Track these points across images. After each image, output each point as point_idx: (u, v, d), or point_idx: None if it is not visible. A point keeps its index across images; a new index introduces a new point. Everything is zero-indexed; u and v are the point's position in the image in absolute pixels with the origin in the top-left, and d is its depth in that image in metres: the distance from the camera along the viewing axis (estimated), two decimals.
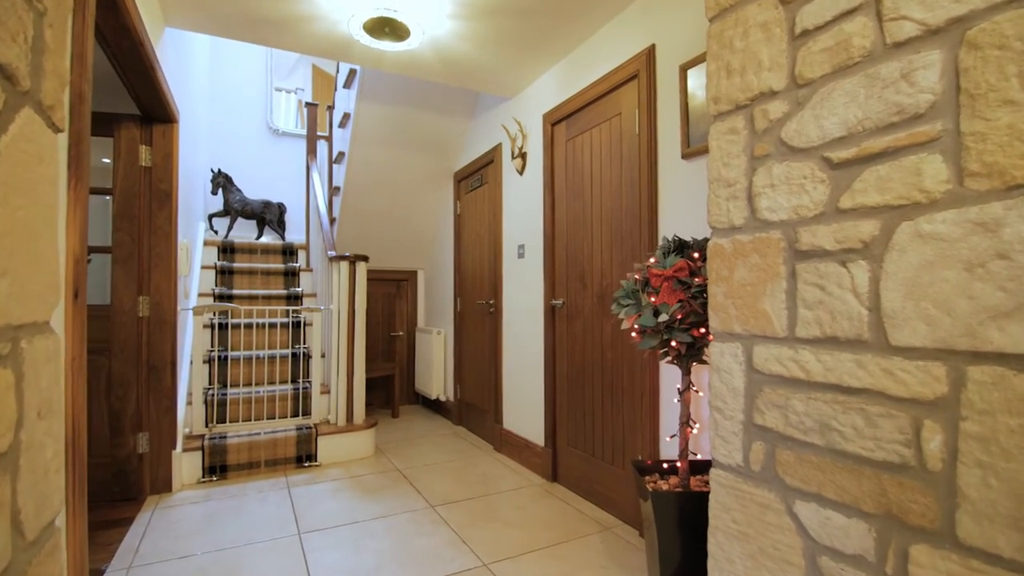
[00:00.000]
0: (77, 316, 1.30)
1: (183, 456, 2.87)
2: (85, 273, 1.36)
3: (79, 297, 1.31)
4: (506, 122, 3.47)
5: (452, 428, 4.13)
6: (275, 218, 5.10)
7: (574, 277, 2.75)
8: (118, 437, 2.67)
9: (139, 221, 2.74)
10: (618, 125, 2.47)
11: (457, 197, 4.29)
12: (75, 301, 1.29)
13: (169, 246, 2.81)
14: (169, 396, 2.79)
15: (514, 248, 3.35)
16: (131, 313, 2.70)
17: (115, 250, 2.70)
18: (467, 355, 4.11)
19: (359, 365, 3.44)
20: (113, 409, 2.67)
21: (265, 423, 3.25)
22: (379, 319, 4.96)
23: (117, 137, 2.70)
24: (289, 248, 4.62)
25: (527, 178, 3.23)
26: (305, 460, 3.17)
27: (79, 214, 1.31)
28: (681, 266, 1.54)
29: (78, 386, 1.30)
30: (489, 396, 3.67)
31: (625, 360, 2.38)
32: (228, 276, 4.13)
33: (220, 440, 2.97)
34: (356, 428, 3.35)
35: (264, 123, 5.37)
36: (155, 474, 2.75)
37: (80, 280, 1.32)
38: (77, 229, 1.31)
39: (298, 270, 4.35)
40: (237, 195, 4.81)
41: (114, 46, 1.97)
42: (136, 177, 2.73)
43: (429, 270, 4.97)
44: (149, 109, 2.63)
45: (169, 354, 2.79)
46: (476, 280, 3.94)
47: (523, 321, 3.23)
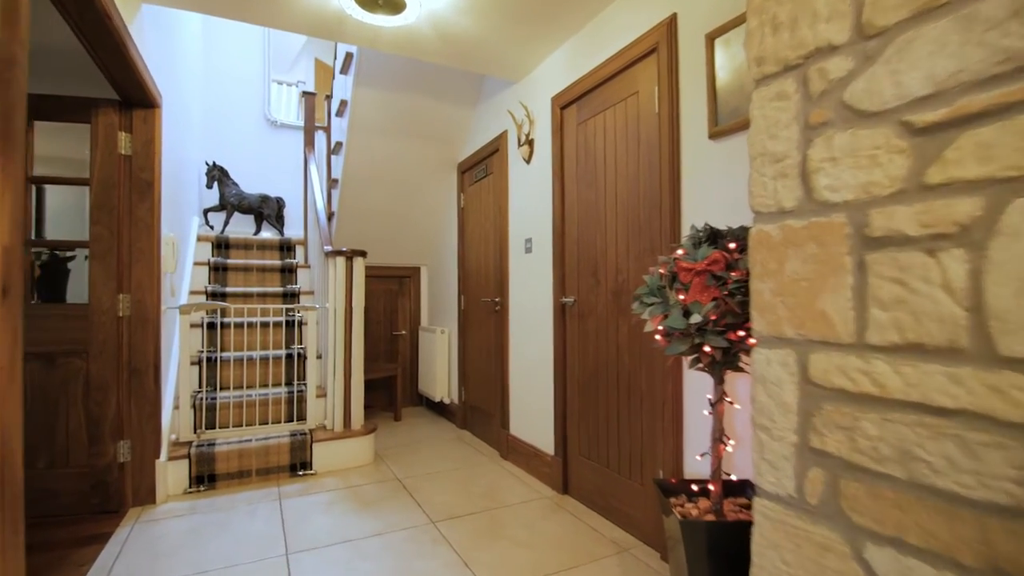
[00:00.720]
0: (8, 316, 1.11)
1: (168, 465, 2.70)
2: (18, 267, 1.16)
3: (9, 294, 1.12)
4: (512, 107, 3.25)
5: (456, 432, 3.94)
6: (273, 213, 4.91)
7: (586, 272, 2.54)
8: (97, 445, 2.50)
9: (118, 213, 2.55)
10: (635, 105, 2.25)
11: (461, 189, 4.08)
12: (4, 299, 1.10)
13: (151, 240, 2.62)
14: (152, 401, 2.61)
15: (521, 242, 3.14)
16: (110, 312, 2.53)
17: (92, 244, 2.52)
18: (472, 356, 3.91)
19: (357, 367, 3.25)
20: (91, 415, 2.50)
21: (257, 429, 3.06)
22: (381, 317, 4.77)
23: (94, 123, 2.52)
24: (287, 244, 4.44)
25: (534, 167, 3.01)
26: (299, 468, 2.99)
27: (9, 200, 1.11)
28: (716, 258, 1.32)
29: (9, 400, 1.11)
30: (495, 399, 3.47)
31: (644, 363, 2.17)
32: (222, 273, 3.95)
33: (208, 448, 2.79)
34: (354, 434, 3.16)
35: (262, 115, 5.19)
36: (137, 484, 2.57)
37: (11, 275, 1.12)
38: (7, 217, 1.12)
39: (295, 267, 4.16)
40: (233, 189, 4.63)
41: (76, 16, 1.78)
42: (115, 166, 2.54)
43: (432, 266, 4.78)
44: (127, 92, 2.44)
45: (152, 356, 2.61)
46: (481, 277, 3.74)
47: (531, 320, 3.02)
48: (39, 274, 3.21)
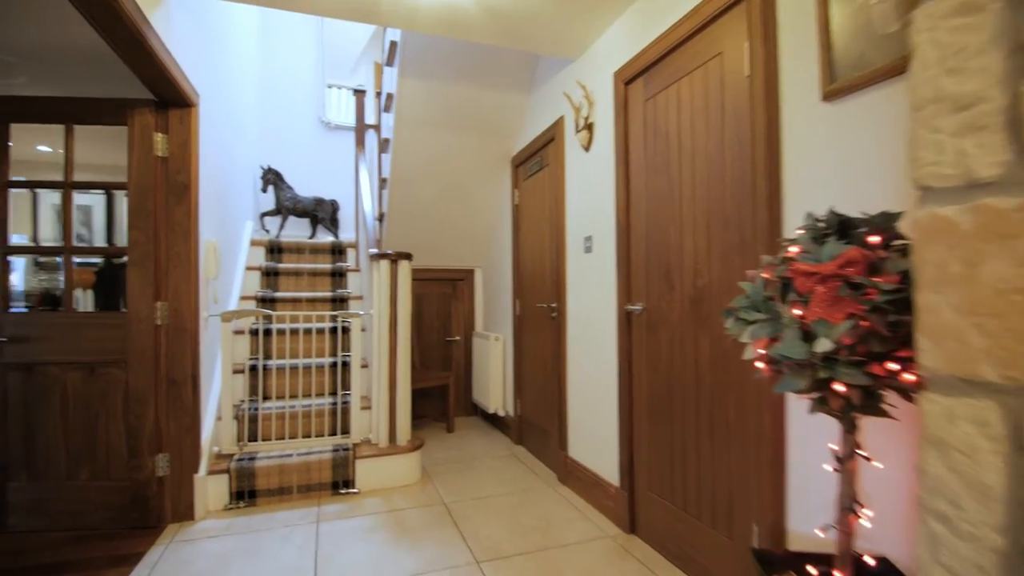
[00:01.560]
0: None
1: (208, 480, 2.57)
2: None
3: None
4: (569, 89, 2.90)
5: (511, 449, 3.63)
6: (328, 216, 4.84)
7: (657, 275, 2.14)
8: (136, 458, 2.40)
9: (155, 218, 2.45)
10: (717, 69, 1.83)
11: (515, 185, 3.77)
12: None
13: (188, 245, 2.50)
14: (190, 413, 2.49)
15: (579, 241, 2.78)
16: (148, 321, 2.43)
17: (130, 251, 2.43)
18: (528, 366, 3.58)
19: (403, 378, 3.02)
20: (130, 427, 2.41)
21: (300, 442, 2.90)
22: (434, 322, 4.56)
23: (131, 125, 2.43)
24: (338, 247, 4.32)
25: (594, 154, 2.64)
26: (342, 486, 2.79)
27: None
28: (852, 258, 0.91)
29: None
30: (552, 416, 3.13)
31: (732, 387, 1.75)
32: (273, 277, 3.88)
33: (249, 462, 2.65)
34: (399, 450, 2.93)
35: (316, 118, 5.15)
36: (176, 500, 2.46)
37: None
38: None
39: (345, 270, 4.03)
40: (288, 193, 4.59)
41: (83, 5, 1.62)
42: (151, 168, 2.44)
43: (487, 269, 4.50)
44: (160, 91, 2.33)
45: (189, 366, 2.49)
46: (536, 279, 3.41)
47: (591, 329, 2.66)
48: (95, 281, 3.24)
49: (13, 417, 2.36)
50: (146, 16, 1.88)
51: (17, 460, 2.36)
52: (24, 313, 2.40)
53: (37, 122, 2.40)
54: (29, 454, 2.36)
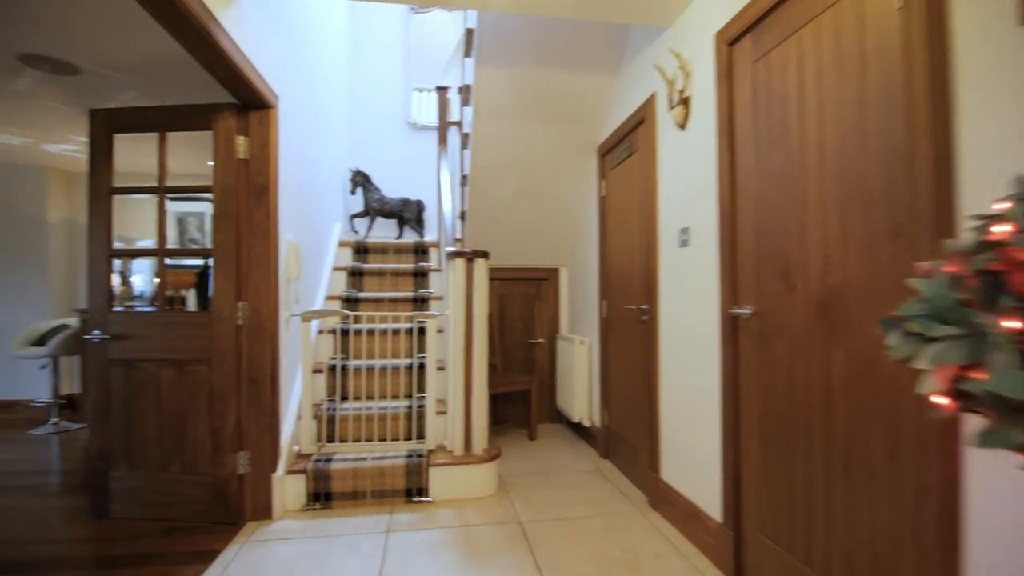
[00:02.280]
0: None
1: (286, 479, 2.57)
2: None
3: None
4: (661, 60, 2.55)
5: (597, 463, 3.33)
6: (414, 216, 4.85)
7: (771, 272, 1.75)
8: (219, 455, 2.45)
9: (237, 220, 2.48)
10: (854, 7, 1.42)
11: (601, 175, 3.47)
12: None
13: (268, 246, 2.51)
14: (269, 413, 2.50)
15: (674, 234, 2.43)
16: (230, 321, 2.46)
17: (215, 252, 2.48)
18: (615, 374, 3.26)
19: (479, 382, 2.85)
20: (214, 425, 2.46)
21: (375, 445, 2.84)
22: (517, 324, 4.37)
23: (215, 129, 2.48)
24: (421, 247, 4.28)
25: (692, 132, 2.28)
26: (415, 494, 2.68)
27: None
28: None
29: None
30: (642, 431, 2.79)
31: (878, 419, 1.34)
32: (358, 278, 3.90)
33: (324, 464, 2.62)
34: (474, 460, 2.76)
35: (403, 119, 5.18)
36: (255, 498, 2.48)
37: None
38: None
39: (427, 270, 3.96)
40: (376, 194, 4.65)
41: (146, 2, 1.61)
42: (233, 171, 2.48)
43: (572, 267, 4.23)
44: (237, 92, 2.34)
45: (269, 366, 2.50)
46: (625, 279, 3.08)
47: (688, 335, 2.30)
48: (196, 282, 3.43)
49: (116, 410, 2.50)
50: (214, 14, 1.86)
51: (119, 451, 2.50)
52: (124, 312, 2.55)
53: (136, 132, 2.54)
54: (129, 445, 2.50)
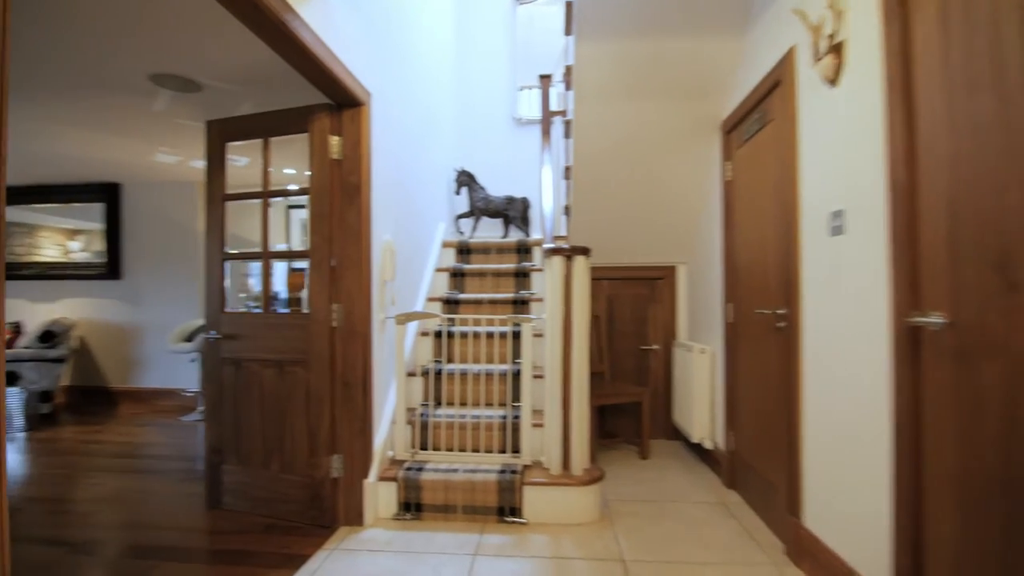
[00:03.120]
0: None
1: (378, 486, 2.50)
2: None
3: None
4: (801, 2, 2.04)
5: (720, 493, 2.84)
6: (519, 214, 4.66)
7: (977, 263, 1.23)
8: (314, 457, 2.45)
9: (330, 221, 2.46)
10: None
11: (726, 156, 2.96)
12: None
13: (360, 247, 2.46)
14: (361, 417, 2.45)
15: (822, 219, 1.92)
16: (325, 323, 2.45)
17: (311, 254, 2.48)
18: (744, 389, 2.76)
19: (578, 394, 2.55)
20: (310, 426, 2.46)
21: (468, 457, 2.67)
22: (628, 328, 3.97)
23: (311, 131, 2.48)
24: (523, 245, 4.07)
25: (846, 88, 1.77)
26: (508, 513, 2.45)
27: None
28: None
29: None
30: (778, 462, 2.28)
31: None
32: (459, 279, 3.81)
33: (415, 473, 2.51)
34: (573, 481, 2.46)
35: (508, 115, 5.03)
36: (348, 503, 2.44)
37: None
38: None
39: (528, 270, 3.74)
40: (480, 193, 4.54)
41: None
42: (327, 172, 2.46)
43: (692, 264, 3.73)
44: (327, 90, 2.30)
45: (361, 370, 2.45)
46: (756, 276, 2.58)
47: (842, 350, 1.79)
48: (304, 283, 3.56)
49: (227, 407, 2.62)
50: (292, 7, 1.80)
51: (230, 446, 2.61)
52: (234, 313, 2.66)
53: (244, 139, 2.64)
54: (237, 441, 2.60)
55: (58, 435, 3.90)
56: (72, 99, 3.03)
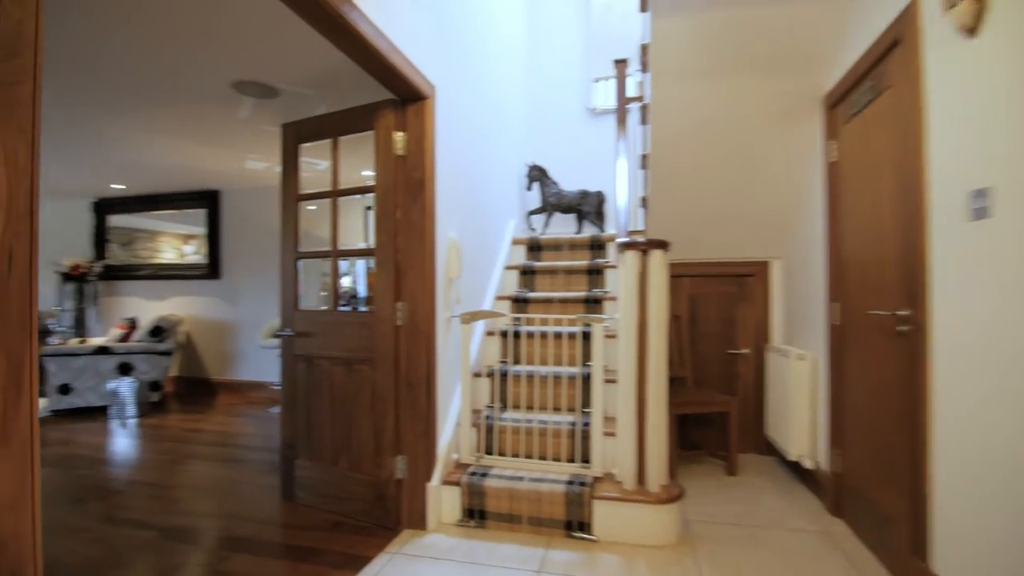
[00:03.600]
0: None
1: (442, 490, 2.44)
2: (25, 236, 0.83)
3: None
4: None
5: (822, 520, 2.49)
6: (593, 209, 4.44)
7: None
8: (379, 457, 2.42)
9: (394, 218, 2.43)
10: None
11: (829, 134, 2.59)
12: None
13: (423, 244, 2.40)
14: (424, 418, 2.39)
15: (958, 201, 1.58)
16: (389, 322, 2.42)
17: (376, 252, 2.46)
18: (853, 402, 2.39)
19: (655, 402, 2.32)
20: (376, 425, 2.44)
21: (534, 464, 2.53)
22: (713, 330, 3.65)
23: (376, 128, 2.46)
24: (597, 241, 3.86)
25: (990, 39, 1.43)
26: (576, 528, 2.29)
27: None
28: None
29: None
30: (898, 490, 1.93)
31: None
32: (529, 276, 3.68)
33: (479, 479, 2.41)
34: (648, 498, 2.25)
35: (581, 106, 4.83)
36: (412, 505, 2.39)
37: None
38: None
39: (602, 267, 3.53)
40: (552, 188, 4.38)
41: None
42: (392, 169, 2.43)
43: (788, 259, 3.34)
44: (390, 83, 2.26)
45: (424, 370, 2.39)
46: (869, 271, 2.21)
47: (989, 361, 1.44)
48: None
49: (300, 403, 2.67)
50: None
51: (302, 441, 2.66)
52: (306, 310, 2.70)
53: (315, 140, 2.68)
54: (309, 437, 2.64)
55: (163, 422, 4.26)
56: (167, 109, 3.25)
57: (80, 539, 2.24)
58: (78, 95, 3.00)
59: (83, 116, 3.33)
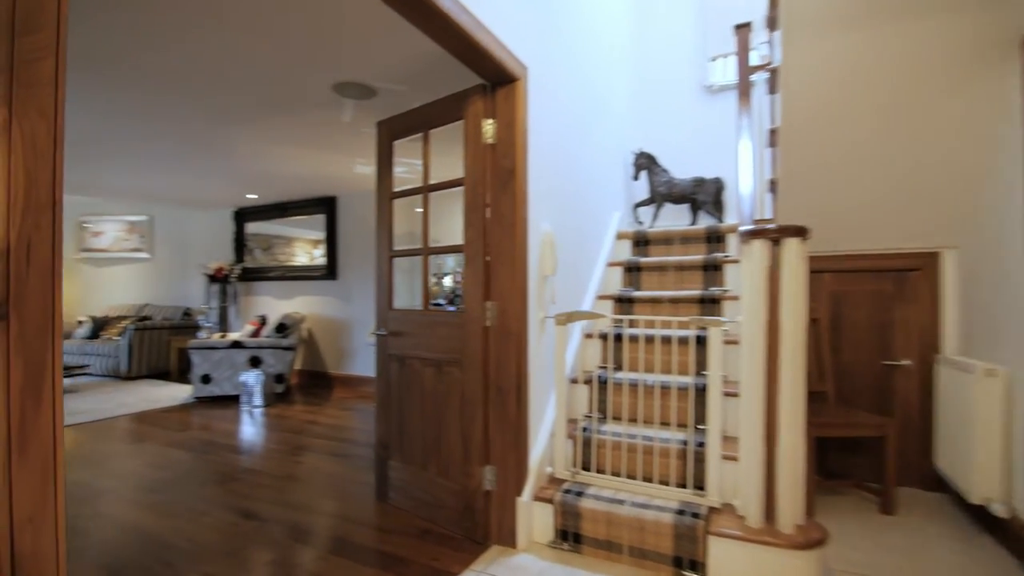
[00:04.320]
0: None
1: (533, 507, 2.24)
2: (47, 228, 0.77)
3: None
4: None
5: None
6: (710, 198, 3.98)
7: None
8: (468, 465, 2.29)
9: (482, 211, 2.28)
10: None
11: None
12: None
13: (514, 238, 2.22)
14: (514, 428, 2.20)
15: None
16: (478, 322, 2.27)
17: (466, 248, 2.33)
18: None
19: (789, 422, 1.92)
20: (464, 431, 2.31)
21: (637, 486, 2.23)
22: (861, 336, 3.04)
23: (465, 117, 2.33)
24: (714, 233, 3.42)
25: None
26: (687, 567, 1.96)
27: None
28: None
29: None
30: None
31: None
32: (635, 273, 3.35)
33: (574, 498, 2.17)
34: (780, 541, 1.85)
35: (697, 83, 4.34)
36: (500, 520, 2.22)
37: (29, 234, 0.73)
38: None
39: (720, 262, 3.10)
40: (662, 176, 4.00)
41: None
42: (481, 159, 2.28)
43: (969, 248, 2.66)
44: (476, 65, 2.11)
45: (514, 375, 2.21)
46: None
47: None
48: None
49: (393, 402, 2.63)
50: None
51: (395, 442, 2.61)
52: (399, 309, 2.65)
53: (407, 135, 2.62)
54: (401, 438, 2.59)
55: (285, 412, 4.57)
56: (279, 118, 3.43)
57: (196, 524, 2.38)
58: (205, 107, 3.25)
59: (213, 128, 3.64)
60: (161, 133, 3.75)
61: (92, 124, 3.53)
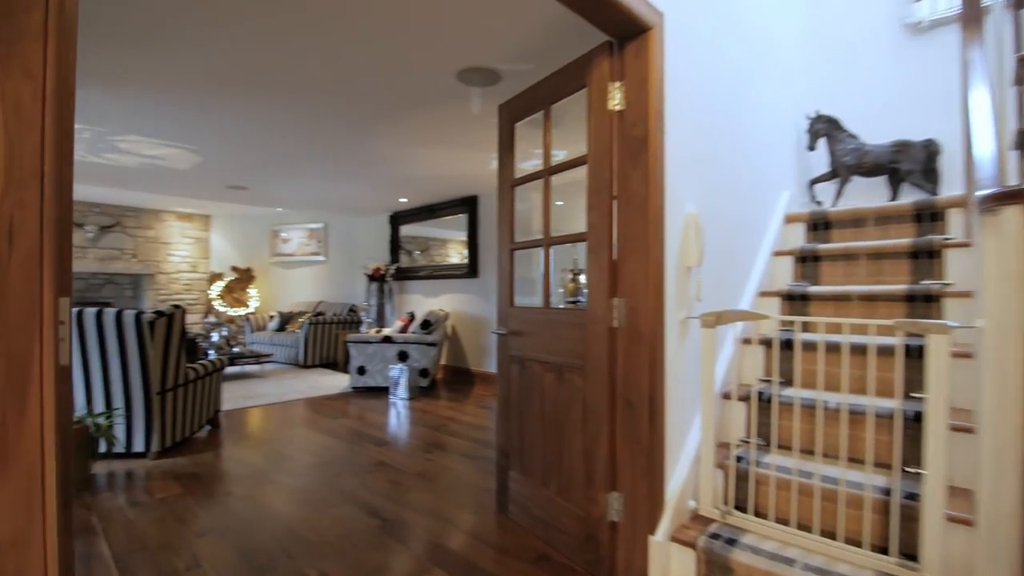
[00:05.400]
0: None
1: (670, 548, 1.83)
2: (33, 206, 0.67)
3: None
4: None
5: None
6: (917, 166, 3.09)
7: None
8: (590, 489, 1.97)
9: (609, 191, 1.94)
10: None
11: None
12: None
13: (646, 222, 1.85)
14: (646, 451, 1.83)
15: None
16: (603, 322, 1.94)
17: (589, 235, 2.02)
18: None
19: None
20: (587, 449, 2.00)
21: (813, 543, 1.69)
22: None
23: (589, 83, 2.01)
24: (926, 209, 2.59)
25: None
26: None
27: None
28: None
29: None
30: None
31: None
32: (811, 264, 2.69)
33: (723, 547, 1.73)
34: None
35: (895, 21, 3.40)
36: (630, 559, 1.86)
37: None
38: None
39: (938, 246, 2.31)
40: (847, 144, 3.20)
41: None
42: (607, 130, 1.94)
43: None
44: (596, 14, 1.78)
45: (647, 387, 1.83)
46: None
47: None
48: None
49: (513, 408, 2.42)
50: None
51: (515, 451, 2.40)
52: (519, 307, 2.43)
53: (528, 114, 2.38)
54: (521, 449, 2.36)
55: (427, 407, 4.69)
56: (413, 119, 3.45)
57: (324, 515, 2.43)
58: (347, 118, 3.41)
59: (357, 138, 3.83)
60: (317, 147, 4.08)
61: (273, 142, 3.96)
